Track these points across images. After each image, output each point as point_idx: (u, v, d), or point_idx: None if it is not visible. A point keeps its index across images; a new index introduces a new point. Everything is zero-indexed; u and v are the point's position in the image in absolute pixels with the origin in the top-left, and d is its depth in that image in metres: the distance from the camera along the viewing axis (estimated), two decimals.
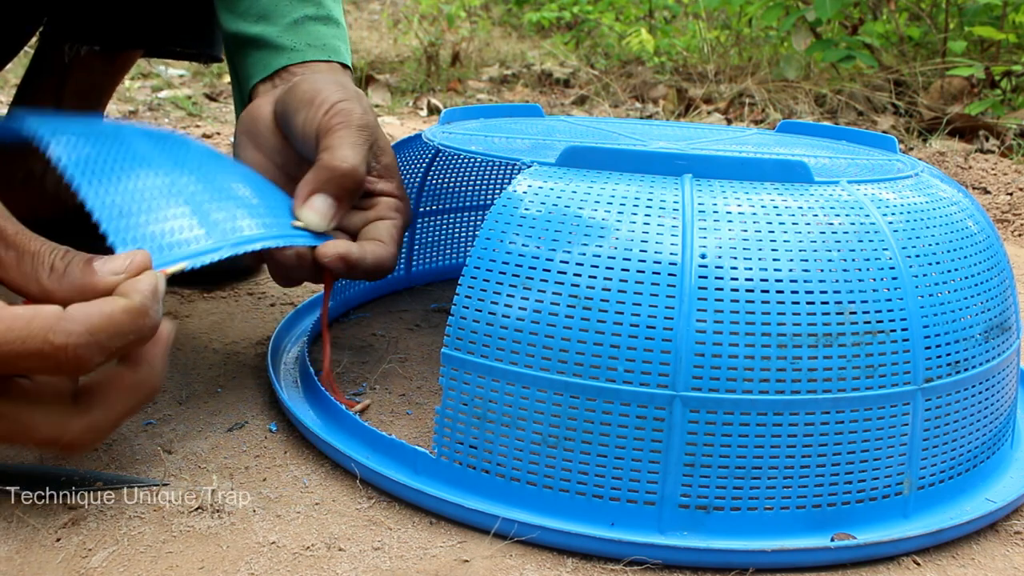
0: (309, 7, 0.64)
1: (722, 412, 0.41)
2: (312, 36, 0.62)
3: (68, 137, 0.45)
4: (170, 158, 0.48)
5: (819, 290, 0.42)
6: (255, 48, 0.62)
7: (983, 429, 0.47)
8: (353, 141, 0.53)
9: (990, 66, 1.88)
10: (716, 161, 0.46)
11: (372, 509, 0.46)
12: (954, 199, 0.50)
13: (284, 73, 0.60)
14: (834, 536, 0.42)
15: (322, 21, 0.63)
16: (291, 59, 0.61)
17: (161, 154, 0.48)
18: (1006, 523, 0.47)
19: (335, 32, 0.64)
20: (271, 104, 0.58)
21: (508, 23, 3.52)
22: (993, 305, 0.47)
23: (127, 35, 0.84)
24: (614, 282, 0.42)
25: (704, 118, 1.98)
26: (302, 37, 0.62)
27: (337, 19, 0.65)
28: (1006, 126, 1.66)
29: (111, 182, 0.43)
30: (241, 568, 0.40)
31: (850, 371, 0.42)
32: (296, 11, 0.63)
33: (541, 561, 0.42)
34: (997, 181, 1.39)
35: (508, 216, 0.45)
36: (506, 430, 0.43)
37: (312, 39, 0.62)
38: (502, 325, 0.43)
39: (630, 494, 0.42)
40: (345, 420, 0.51)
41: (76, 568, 0.40)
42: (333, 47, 0.63)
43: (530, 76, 2.53)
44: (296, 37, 0.62)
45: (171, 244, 0.42)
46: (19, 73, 1.29)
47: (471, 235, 0.83)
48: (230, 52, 0.65)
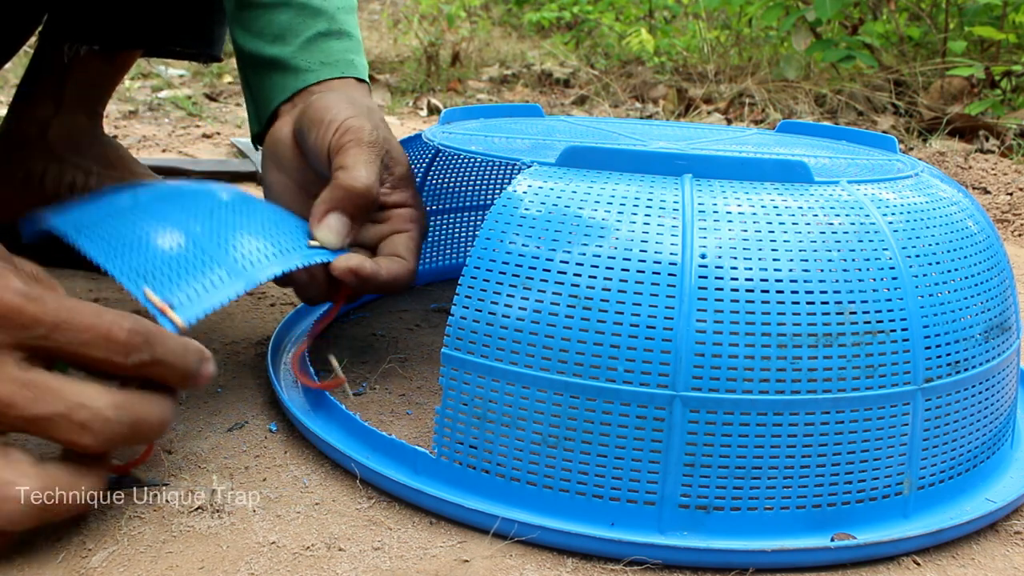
0: (322, 22, 0.64)
1: (722, 412, 0.41)
2: (325, 53, 0.63)
3: (89, 229, 0.50)
4: (187, 213, 0.51)
5: (819, 290, 0.42)
6: (272, 70, 0.62)
7: (983, 429, 0.47)
8: (364, 159, 0.53)
9: (990, 66, 1.88)
10: (716, 161, 0.46)
11: (372, 509, 0.46)
12: (954, 199, 0.50)
13: (303, 93, 0.61)
14: (834, 536, 0.42)
15: (335, 36, 0.64)
16: (307, 80, 0.61)
17: (178, 211, 0.51)
18: (1006, 523, 0.47)
19: (348, 46, 0.64)
20: (290, 125, 0.59)
21: (508, 23, 3.52)
22: (993, 305, 0.47)
23: (127, 35, 0.84)
24: (614, 282, 0.42)
25: (704, 118, 1.98)
26: (316, 56, 0.63)
27: (350, 32, 0.65)
28: (1006, 126, 1.66)
29: (135, 254, 0.48)
30: (241, 568, 0.40)
31: (850, 371, 0.42)
32: (310, 28, 0.63)
33: (541, 561, 0.42)
34: (997, 181, 1.39)
35: (508, 216, 0.45)
36: (506, 430, 0.43)
37: (326, 56, 0.63)
38: (502, 325, 0.43)
39: (630, 494, 0.42)
40: (345, 420, 0.51)
41: (76, 568, 0.40)
42: (347, 62, 0.63)
43: (530, 76, 2.53)
44: (310, 56, 0.62)
45: (198, 295, 0.46)
46: (19, 73, 1.29)
47: (471, 235, 0.83)
48: (245, 69, 0.65)
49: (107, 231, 0.50)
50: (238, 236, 0.50)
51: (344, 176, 0.53)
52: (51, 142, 0.83)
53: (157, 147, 1.57)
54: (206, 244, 0.49)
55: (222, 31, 0.90)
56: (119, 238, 0.49)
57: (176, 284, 0.46)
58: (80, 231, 0.50)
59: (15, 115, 0.85)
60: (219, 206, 0.53)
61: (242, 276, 0.48)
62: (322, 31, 0.63)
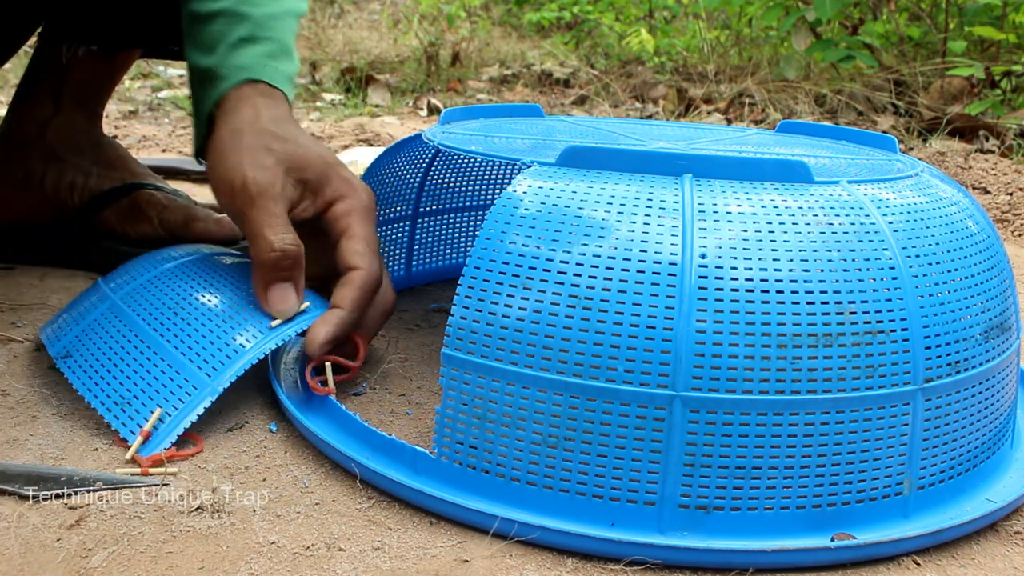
0: (245, 28, 0.62)
1: (722, 412, 0.41)
2: (242, 58, 0.61)
3: (71, 355, 0.57)
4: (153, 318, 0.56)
5: (819, 290, 0.42)
6: (204, 81, 0.62)
7: (983, 429, 0.47)
8: (266, 222, 0.54)
9: (990, 66, 1.88)
10: (716, 161, 0.46)
11: (372, 509, 0.46)
12: (954, 199, 0.50)
13: (222, 102, 0.60)
14: (834, 536, 0.42)
15: (257, 41, 0.62)
16: (222, 88, 0.60)
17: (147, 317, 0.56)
18: (1006, 523, 0.47)
19: (268, 50, 0.62)
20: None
21: (508, 23, 3.51)
22: (993, 305, 0.47)
23: (126, 35, 0.84)
24: (614, 282, 0.42)
25: (704, 118, 1.98)
26: (233, 61, 0.61)
27: (277, 38, 0.63)
28: (1006, 126, 1.66)
29: (108, 378, 0.54)
30: (241, 568, 0.40)
31: (850, 371, 0.42)
32: (233, 35, 0.62)
33: (541, 561, 0.42)
34: (997, 181, 1.39)
35: (508, 216, 0.45)
36: (506, 430, 0.43)
37: (241, 60, 0.61)
38: (502, 325, 0.43)
39: (630, 494, 0.42)
40: (345, 420, 0.51)
41: (76, 568, 0.40)
42: (261, 66, 0.61)
43: (530, 76, 2.53)
44: (229, 62, 0.61)
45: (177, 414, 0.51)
46: (19, 73, 1.29)
47: (471, 235, 0.83)
48: (190, 85, 0.65)
49: (84, 353, 0.56)
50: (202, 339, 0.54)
51: (255, 249, 0.54)
52: (50, 142, 0.83)
53: (157, 147, 1.57)
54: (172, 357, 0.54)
55: None
56: (94, 361, 0.55)
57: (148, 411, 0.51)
58: (64, 358, 0.57)
59: (15, 115, 0.85)
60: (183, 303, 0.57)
61: (207, 386, 0.52)
62: (244, 36, 0.62)
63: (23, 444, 0.50)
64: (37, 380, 0.59)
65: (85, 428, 0.53)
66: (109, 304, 0.58)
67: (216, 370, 0.52)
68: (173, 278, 0.59)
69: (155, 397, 0.51)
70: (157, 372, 0.53)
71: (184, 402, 0.51)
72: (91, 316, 0.59)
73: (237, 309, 0.56)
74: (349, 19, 3.48)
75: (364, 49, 2.79)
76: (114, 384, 0.53)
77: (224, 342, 0.53)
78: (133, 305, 0.57)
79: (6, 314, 0.70)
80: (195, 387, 0.51)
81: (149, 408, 0.51)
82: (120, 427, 0.50)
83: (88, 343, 0.57)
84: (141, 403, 0.51)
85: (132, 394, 0.52)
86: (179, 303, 0.56)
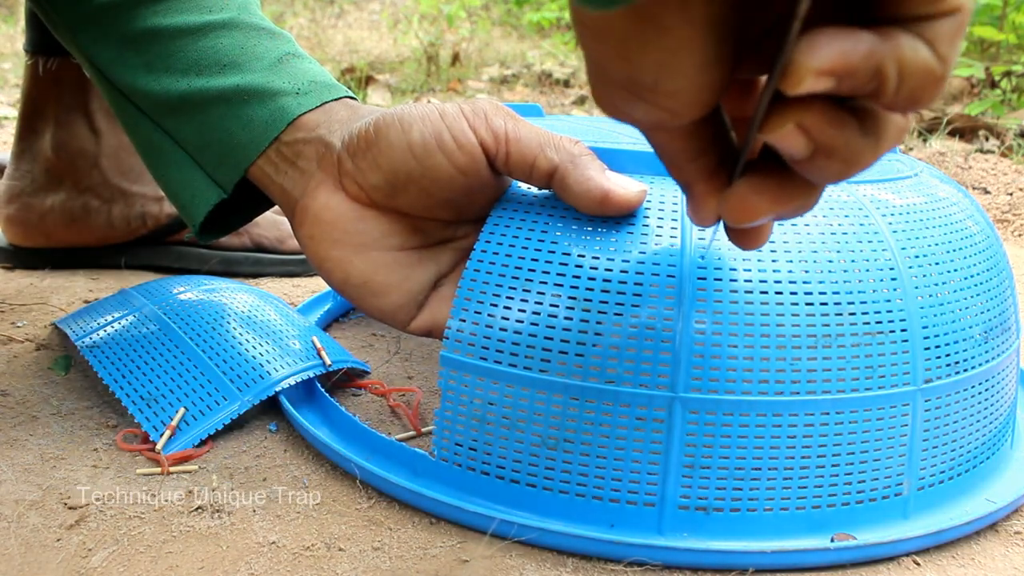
0: (285, 43, 0.52)
1: (722, 413, 0.41)
2: (306, 74, 0.50)
3: (99, 346, 0.57)
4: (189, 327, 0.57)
5: (818, 291, 0.42)
6: (232, 103, 0.48)
7: (983, 429, 0.47)
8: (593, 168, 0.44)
9: (990, 66, 1.88)
10: None
11: (372, 509, 0.46)
12: (954, 200, 0.50)
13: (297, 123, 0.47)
14: (834, 536, 0.42)
15: (301, 57, 0.52)
16: (302, 106, 0.48)
17: (183, 326, 0.57)
18: (1006, 523, 0.47)
19: (318, 67, 0.52)
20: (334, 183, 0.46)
21: (508, 23, 3.52)
22: (993, 305, 0.47)
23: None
24: (613, 283, 0.42)
25: None
26: (299, 77, 0.49)
27: (303, 52, 0.53)
28: (1006, 126, 1.66)
29: (136, 373, 0.55)
30: (241, 568, 0.40)
31: (849, 372, 0.42)
32: (277, 49, 0.51)
33: (541, 561, 0.42)
34: (997, 181, 1.39)
35: (508, 217, 0.45)
36: (505, 432, 0.43)
37: (311, 76, 0.50)
38: (501, 327, 0.43)
39: (630, 495, 0.42)
40: (345, 422, 0.51)
41: (76, 568, 0.40)
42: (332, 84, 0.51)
43: (530, 76, 2.53)
44: (290, 78, 0.49)
45: (207, 416, 0.52)
46: (19, 73, 1.29)
47: None
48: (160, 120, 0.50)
49: (113, 347, 0.57)
50: (237, 355, 0.55)
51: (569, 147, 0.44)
52: (105, 171, 0.82)
53: None
54: (205, 366, 0.54)
55: None
56: (123, 355, 0.56)
57: (173, 411, 0.52)
58: (90, 347, 0.57)
59: (54, 147, 0.81)
60: (223, 321, 0.58)
61: (237, 398, 0.53)
62: (290, 52, 0.51)
63: (23, 444, 0.50)
64: (37, 380, 0.59)
65: (85, 428, 0.53)
66: (145, 310, 0.59)
67: (248, 386, 0.53)
68: (216, 299, 0.60)
69: (183, 399, 0.52)
70: (188, 377, 0.53)
71: (212, 409, 0.52)
72: (122, 317, 0.60)
73: (276, 338, 0.57)
74: (349, 19, 3.48)
75: (364, 49, 2.79)
76: (142, 380, 0.53)
77: (259, 362, 0.55)
78: (170, 314, 0.58)
79: (6, 314, 0.70)
80: (225, 397, 0.52)
81: (175, 408, 0.52)
82: (143, 421, 0.51)
83: (118, 338, 0.57)
84: (168, 402, 0.52)
85: (160, 392, 0.53)
86: (219, 320, 0.57)
